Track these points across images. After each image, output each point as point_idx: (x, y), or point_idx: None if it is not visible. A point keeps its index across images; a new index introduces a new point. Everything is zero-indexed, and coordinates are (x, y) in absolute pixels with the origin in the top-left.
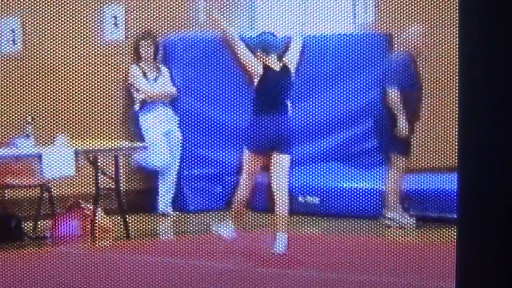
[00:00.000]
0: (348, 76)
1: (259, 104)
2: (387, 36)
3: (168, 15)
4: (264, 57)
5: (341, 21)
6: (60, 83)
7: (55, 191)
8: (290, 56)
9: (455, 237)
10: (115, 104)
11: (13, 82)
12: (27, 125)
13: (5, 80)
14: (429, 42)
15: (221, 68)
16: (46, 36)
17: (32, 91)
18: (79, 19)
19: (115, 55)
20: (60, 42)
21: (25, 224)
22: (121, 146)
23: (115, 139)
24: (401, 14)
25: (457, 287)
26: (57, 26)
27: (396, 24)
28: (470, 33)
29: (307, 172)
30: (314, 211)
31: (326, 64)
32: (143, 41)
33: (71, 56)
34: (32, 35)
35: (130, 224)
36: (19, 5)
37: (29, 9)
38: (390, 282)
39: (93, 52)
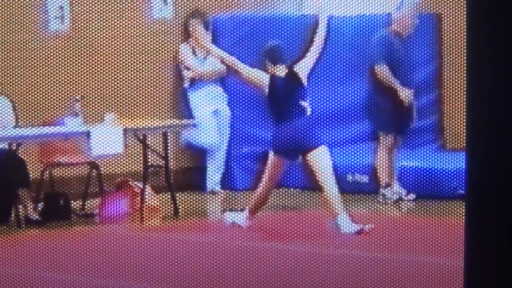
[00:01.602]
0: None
1: (275, 112)
2: (437, 16)
3: None
4: (271, 67)
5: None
6: (108, 62)
7: (103, 169)
8: (302, 65)
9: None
10: (164, 82)
11: (62, 60)
12: (75, 104)
13: (54, 58)
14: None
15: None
16: (94, 14)
17: (81, 69)
18: None
19: (164, 33)
20: (108, 19)
21: (74, 202)
22: (170, 124)
23: (164, 117)
24: None
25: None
26: (105, 3)
27: (445, 4)
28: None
29: (356, 151)
30: (363, 189)
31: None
32: (192, 19)
33: (119, 33)
34: (81, 12)
35: (179, 203)
36: None
37: None
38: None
39: (142, 30)
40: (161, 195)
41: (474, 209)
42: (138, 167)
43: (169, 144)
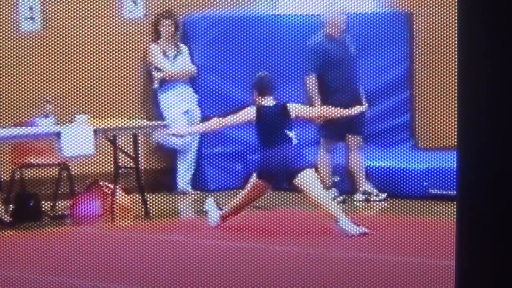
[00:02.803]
0: (368, 56)
1: (260, 138)
2: (408, 15)
3: None
4: (259, 98)
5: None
6: (79, 62)
7: (74, 170)
8: (297, 109)
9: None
10: (135, 83)
11: (33, 60)
12: (46, 104)
13: (25, 59)
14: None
15: (240, 47)
16: (65, 14)
17: (52, 69)
18: None
19: (134, 34)
20: (79, 20)
21: (44, 203)
22: (140, 125)
23: (135, 118)
24: None
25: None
26: (76, 3)
27: (416, 2)
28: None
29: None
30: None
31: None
32: (164, 20)
33: (90, 34)
34: (51, 12)
35: (149, 203)
36: None
37: None
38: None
39: (112, 30)
40: (132, 195)
41: (465, 209)
42: (109, 168)
43: (139, 145)
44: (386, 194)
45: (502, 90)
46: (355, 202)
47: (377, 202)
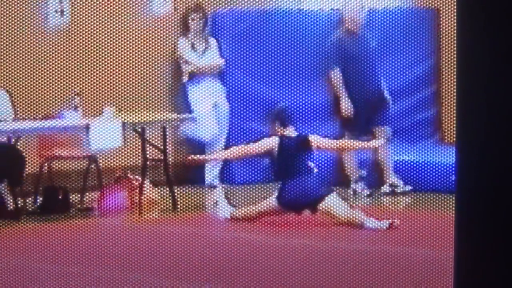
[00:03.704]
0: (394, 51)
1: (282, 169)
2: (435, 11)
3: None
4: (281, 129)
5: None
6: (108, 56)
7: (102, 163)
8: (319, 140)
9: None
10: (163, 76)
11: (62, 54)
12: (75, 97)
13: (54, 52)
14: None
15: (267, 42)
16: (94, 8)
17: (80, 63)
18: None
19: (163, 28)
20: (108, 14)
21: (72, 195)
22: (168, 118)
23: (163, 111)
24: None
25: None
26: None
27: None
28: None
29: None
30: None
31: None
32: (193, 14)
33: (119, 28)
34: (80, 7)
35: (177, 196)
36: None
37: None
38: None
39: (141, 24)
40: (159, 188)
41: (463, 204)
42: (137, 161)
43: (167, 138)
44: (411, 187)
45: (502, 87)
46: (381, 195)
47: (402, 197)
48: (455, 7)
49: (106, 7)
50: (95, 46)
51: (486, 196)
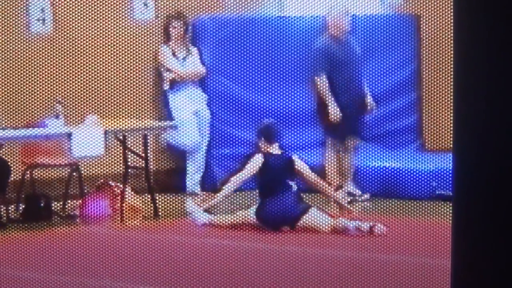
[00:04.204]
0: (375, 57)
1: (263, 186)
2: (416, 17)
3: None
4: (266, 145)
5: (370, 2)
6: (89, 63)
7: (84, 171)
8: (302, 167)
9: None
10: (145, 84)
11: (43, 62)
12: (57, 105)
13: (35, 60)
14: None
15: (249, 48)
16: (75, 16)
17: (62, 71)
18: None
19: (145, 35)
20: (89, 21)
21: (55, 203)
22: (150, 126)
23: (145, 119)
24: None
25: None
26: (86, 5)
27: (424, 5)
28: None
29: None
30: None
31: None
32: (174, 21)
33: (100, 35)
34: (62, 14)
35: (159, 204)
36: None
37: None
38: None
39: (122, 32)
40: (141, 196)
41: (461, 210)
42: (119, 168)
43: (149, 146)
44: (369, 194)
45: (499, 90)
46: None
47: (382, 203)
48: (436, 13)
49: (87, 16)
50: (76, 54)
51: (484, 201)
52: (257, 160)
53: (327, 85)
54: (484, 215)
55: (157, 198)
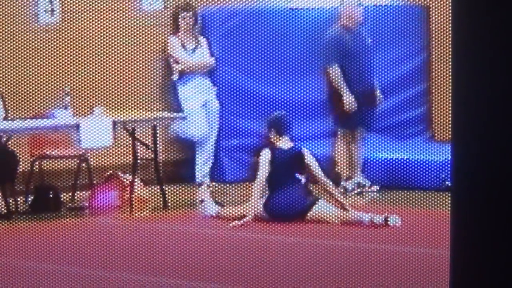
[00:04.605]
0: (385, 48)
1: (271, 179)
2: (425, 8)
3: None
4: (276, 137)
5: None
6: (98, 54)
7: (93, 162)
8: (310, 159)
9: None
10: (153, 75)
11: (52, 53)
12: (65, 96)
13: (44, 51)
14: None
15: (258, 39)
16: (83, 6)
17: (71, 62)
18: None
19: (154, 26)
20: (98, 12)
21: (63, 194)
22: (159, 117)
23: (153, 110)
24: None
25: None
26: None
27: None
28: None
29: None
30: None
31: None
32: (183, 13)
33: (109, 26)
34: (70, 5)
35: (167, 195)
36: None
37: None
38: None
39: (131, 22)
40: (150, 187)
41: (460, 201)
42: (128, 159)
43: (158, 137)
44: (378, 186)
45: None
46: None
47: (393, 194)
48: (445, 4)
49: (96, 7)
50: (85, 45)
51: (482, 193)
52: (265, 155)
53: (340, 75)
54: (482, 207)
55: (166, 189)
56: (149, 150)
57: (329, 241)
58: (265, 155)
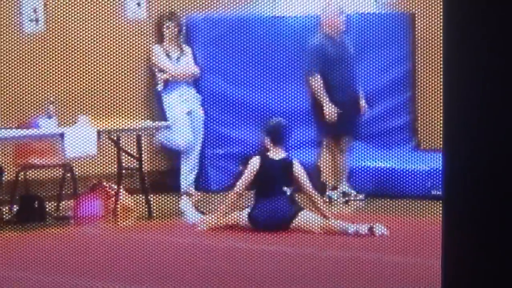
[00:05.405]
0: (369, 56)
1: (257, 189)
2: (410, 16)
3: None
4: (270, 146)
5: (363, 0)
6: (82, 63)
7: (77, 171)
8: (300, 172)
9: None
10: (138, 84)
11: (36, 62)
12: (49, 105)
13: (28, 60)
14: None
15: (242, 48)
16: (68, 15)
17: (55, 70)
18: None
19: (138, 35)
20: (82, 21)
21: (48, 204)
22: (143, 126)
23: (138, 119)
24: None
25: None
26: (79, 5)
27: (418, 3)
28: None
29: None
30: None
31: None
32: (168, 22)
33: (93, 35)
34: (55, 14)
35: (152, 204)
36: None
37: None
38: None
39: (115, 31)
40: (135, 196)
41: (451, 209)
42: (112, 169)
43: (143, 146)
44: (364, 194)
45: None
46: (333, 200)
47: (377, 202)
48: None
49: (80, 16)
50: (69, 54)
51: (473, 201)
52: (254, 165)
53: (321, 84)
54: (473, 214)
55: (151, 198)
56: (134, 160)
57: (313, 250)
58: (254, 164)
